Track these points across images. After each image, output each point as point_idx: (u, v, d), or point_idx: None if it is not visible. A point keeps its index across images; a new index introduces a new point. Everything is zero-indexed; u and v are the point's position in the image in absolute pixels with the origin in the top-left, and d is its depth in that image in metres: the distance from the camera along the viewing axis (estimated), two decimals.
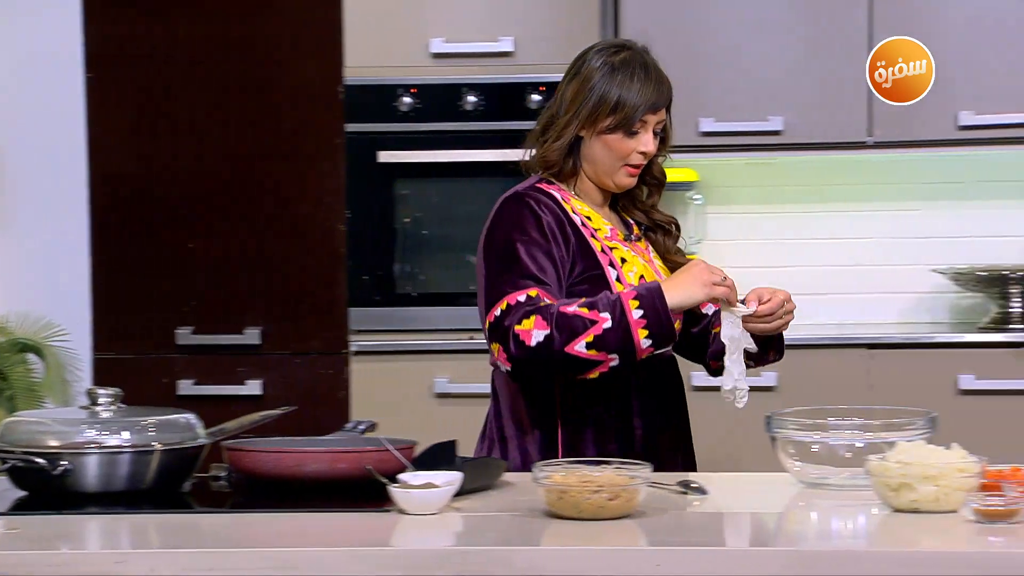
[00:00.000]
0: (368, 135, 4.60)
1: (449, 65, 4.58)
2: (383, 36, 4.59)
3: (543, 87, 4.55)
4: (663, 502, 2.59)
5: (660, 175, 3.13)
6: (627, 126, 2.99)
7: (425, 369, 4.56)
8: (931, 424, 2.67)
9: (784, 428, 2.70)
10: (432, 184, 4.63)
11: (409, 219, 4.63)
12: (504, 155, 4.57)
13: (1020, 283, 4.60)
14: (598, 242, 3.01)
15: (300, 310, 4.60)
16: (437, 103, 4.58)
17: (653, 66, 3.04)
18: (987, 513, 2.36)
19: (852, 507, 2.53)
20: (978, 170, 4.84)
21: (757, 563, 2.23)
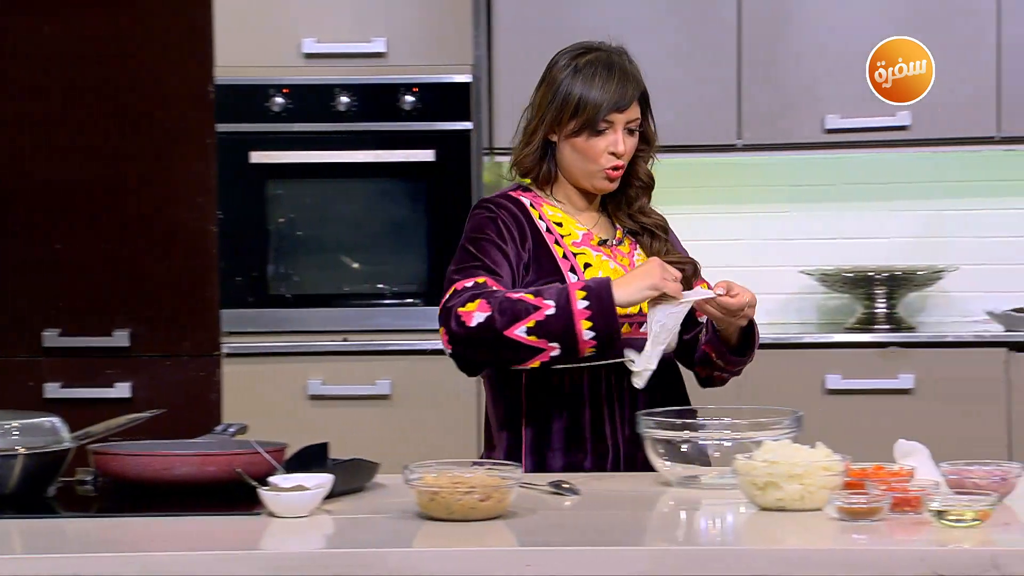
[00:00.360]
0: (240, 135, 4.57)
1: (321, 65, 4.56)
2: (254, 36, 4.56)
3: (416, 88, 4.54)
4: (535, 502, 2.60)
5: (646, 177, 3.09)
6: (591, 126, 2.97)
7: (298, 371, 4.54)
8: (797, 423, 2.71)
9: (653, 428, 2.72)
10: (305, 185, 4.60)
11: (283, 220, 4.60)
12: (378, 156, 4.57)
13: (885, 284, 4.69)
14: (561, 248, 2.99)
15: (171, 312, 4.54)
16: (309, 103, 4.56)
17: (619, 65, 3.01)
18: (851, 511, 2.40)
19: (720, 506, 2.55)
20: (844, 173, 4.92)
21: (626, 562, 2.24)
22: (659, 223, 3.09)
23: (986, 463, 2.57)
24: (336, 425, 4.48)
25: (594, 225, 3.07)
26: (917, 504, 2.42)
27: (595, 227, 3.07)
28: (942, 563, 2.20)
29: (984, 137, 4.59)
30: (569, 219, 3.04)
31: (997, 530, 2.34)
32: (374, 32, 4.56)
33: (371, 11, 4.56)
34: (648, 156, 3.08)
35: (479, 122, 4.57)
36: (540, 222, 3.01)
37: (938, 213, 4.90)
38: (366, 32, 4.56)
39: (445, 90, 4.55)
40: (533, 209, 3.03)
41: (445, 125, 4.55)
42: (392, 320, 4.57)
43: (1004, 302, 4.76)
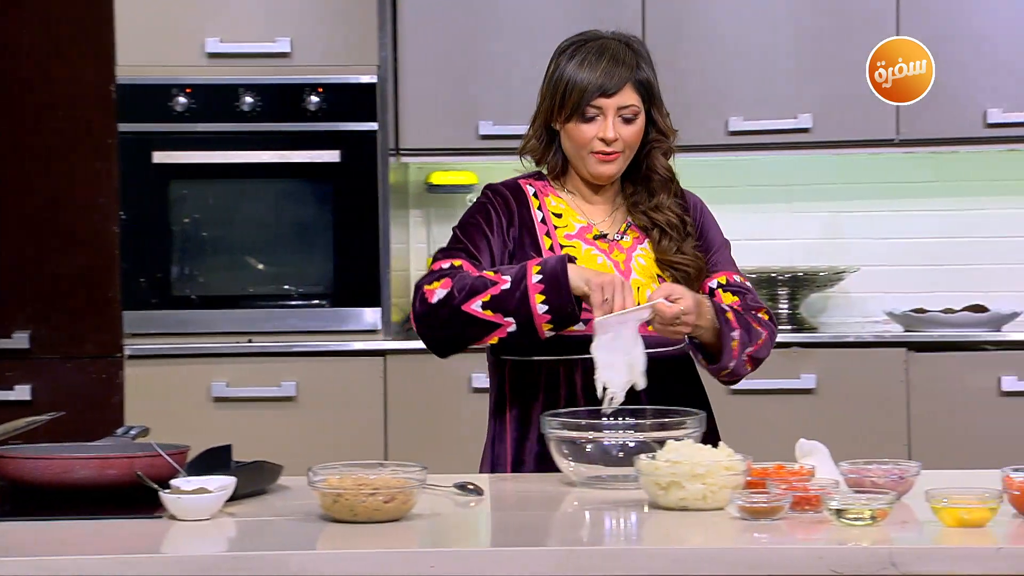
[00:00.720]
0: (143, 135, 4.53)
1: (225, 65, 4.53)
2: (157, 35, 4.52)
3: (321, 88, 4.53)
4: (439, 504, 2.60)
5: (663, 171, 3.03)
6: (579, 111, 2.96)
7: (203, 373, 4.51)
8: (700, 424, 2.73)
9: (558, 428, 2.73)
10: (210, 185, 4.57)
11: (187, 220, 4.56)
12: (283, 156, 4.55)
13: (788, 285, 4.73)
14: (550, 239, 2.99)
15: (72, 313, 4.51)
16: (213, 103, 4.52)
17: (613, 51, 2.99)
18: (752, 510, 2.42)
19: (624, 506, 2.57)
20: (747, 175, 4.97)
21: (529, 563, 2.25)
22: (672, 220, 3.03)
23: (885, 462, 2.60)
24: (241, 427, 4.45)
25: (606, 218, 3.04)
26: (817, 503, 2.45)
27: (605, 220, 3.04)
28: (841, 561, 2.23)
29: (883, 140, 4.65)
30: (572, 211, 3.03)
31: (895, 528, 2.37)
32: (278, 32, 4.53)
33: (275, 11, 4.54)
34: (666, 148, 3.04)
35: (385, 123, 4.56)
36: (538, 212, 3.01)
37: (839, 215, 4.96)
38: (270, 32, 4.54)
39: (350, 91, 4.53)
40: (535, 199, 3.03)
41: (350, 126, 4.54)
42: (298, 321, 4.55)
43: (903, 303, 4.83)
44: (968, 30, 4.58)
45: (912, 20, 4.58)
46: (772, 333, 3.04)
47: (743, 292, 3.06)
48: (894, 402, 4.46)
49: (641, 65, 3.00)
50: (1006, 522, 2.39)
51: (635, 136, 3.00)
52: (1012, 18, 4.58)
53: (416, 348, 4.56)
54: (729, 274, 3.08)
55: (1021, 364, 4.45)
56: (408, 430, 4.51)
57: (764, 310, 3.06)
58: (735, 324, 2.94)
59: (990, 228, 4.92)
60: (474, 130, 4.65)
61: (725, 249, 3.13)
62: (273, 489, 2.73)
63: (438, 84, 4.66)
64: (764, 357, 3.02)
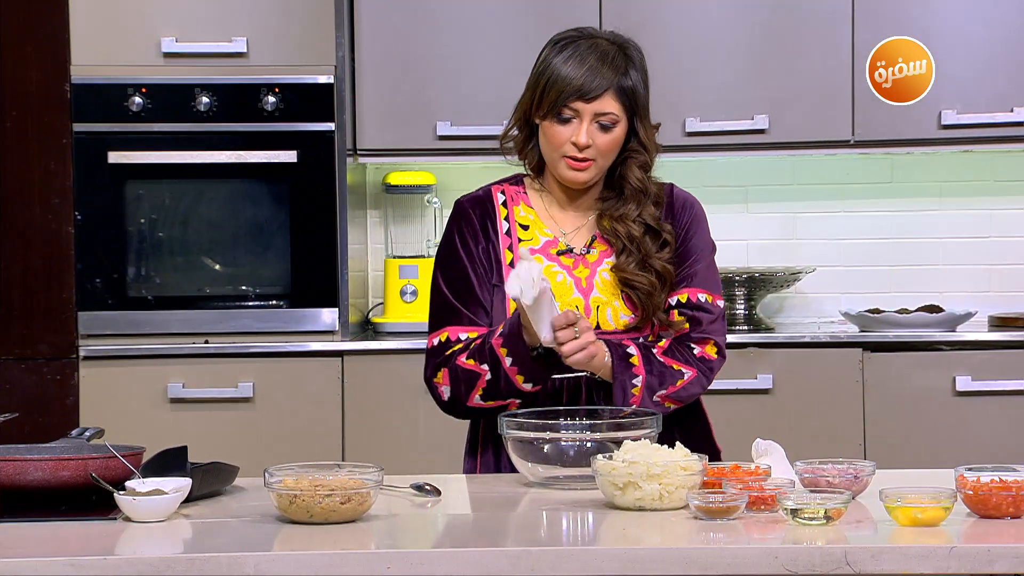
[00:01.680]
0: (98, 135, 4.50)
1: (181, 65, 4.51)
2: (111, 34, 4.50)
3: (277, 88, 4.51)
4: (397, 505, 2.60)
5: (636, 182, 2.95)
6: (555, 111, 2.89)
7: (158, 374, 4.49)
8: (657, 424, 2.74)
9: (515, 428, 2.73)
10: (166, 185, 4.55)
11: (143, 221, 4.54)
12: (239, 157, 4.53)
13: (744, 285, 4.75)
14: (511, 254, 2.95)
15: (26, 314, 4.48)
16: (169, 103, 4.50)
17: (601, 54, 2.91)
18: (708, 510, 2.43)
19: (580, 506, 2.57)
20: (703, 175, 4.97)
21: (486, 563, 2.25)
22: (634, 234, 2.93)
23: (840, 462, 2.62)
24: (197, 428, 4.44)
25: (579, 226, 2.99)
26: (773, 503, 2.46)
27: (576, 229, 2.99)
28: (795, 561, 2.24)
29: (839, 141, 4.67)
30: (540, 222, 2.99)
31: (850, 528, 2.39)
32: (235, 32, 4.52)
33: (232, 10, 4.52)
34: (643, 161, 2.96)
35: (342, 123, 4.55)
36: (504, 222, 2.98)
37: (795, 215, 4.98)
38: (226, 32, 4.52)
39: (307, 91, 4.52)
40: (504, 208, 2.99)
41: (307, 126, 4.53)
42: (254, 322, 4.53)
43: (859, 303, 4.85)
44: (921, 32, 4.61)
45: (866, 22, 4.60)
46: (703, 372, 2.93)
47: (698, 318, 2.95)
48: (849, 402, 4.48)
49: (629, 71, 2.92)
50: (959, 521, 2.41)
51: (610, 145, 2.92)
52: (963, 21, 4.60)
53: (373, 349, 4.56)
54: (694, 292, 2.96)
55: (975, 364, 4.48)
56: (366, 431, 4.50)
57: (710, 342, 2.95)
58: (639, 369, 2.89)
59: (945, 229, 4.95)
60: (432, 131, 4.65)
61: (704, 262, 2.99)
62: (229, 490, 2.73)
63: (395, 84, 4.66)
64: (692, 394, 2.94)
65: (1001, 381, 4.46)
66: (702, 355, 2.95)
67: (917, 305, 4.75)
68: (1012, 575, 2.24)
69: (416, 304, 4.74)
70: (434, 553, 2.29)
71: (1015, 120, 4.59)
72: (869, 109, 4.61)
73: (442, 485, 2.72)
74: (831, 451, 4.05)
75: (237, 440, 4.45)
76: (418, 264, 4.80)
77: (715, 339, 2.96)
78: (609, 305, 2.93)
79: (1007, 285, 4.93)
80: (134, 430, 4.27)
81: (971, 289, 4.92)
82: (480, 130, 4.66)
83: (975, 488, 2.43)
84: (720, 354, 2.97)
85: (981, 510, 2.43)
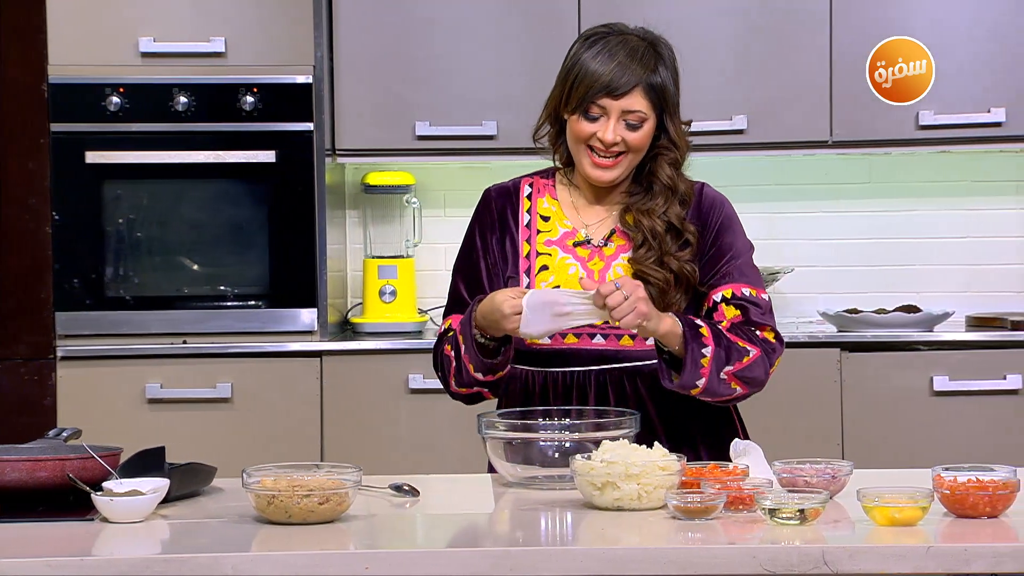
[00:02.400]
0: (75, 135, 4.49)
1: (159, 65, 4.50)
2: (89, 34, 4.49)
3: (256, 88, 4.51)
4: (374, 505, 2.60)
5: (667, 180, 2.91)
6: (582, 107, 2.87)
7: (137, 374, 4.48)
8: (635, 424, 2.74)
9: (494, 429, 2.74)
10: (144, 185, 4.54)
11: (121, 221, 4.53)
12: (218, 156, 4.52)
13: None
14: (529, 246, 2.95)
15: (3, 315, 4.47)
16: (147, 103, 4.49)
17: (630, 50, 2.88)
18: (686, 510, 2.43)
19: (559, 506, 2.57)
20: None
21: (464, 563, 2.25)
22: (657, 229, 2.89)
23: (817, 462, 2.62)
24: (176, 429, 4.43)
25: (603, 218, 2.97)
26: (751, 503, 2.46)
27: (598, 222, 2.96)
28: (773, 560, 2.24)
29: (817, 141, 4.68)
30: (562, 214, 2.98)
31: (827, 527, 2.39)
32: (213, 32, 4.51)
33: (210, 10, 4.51)
34: (673, 159, 2.92)
35: (320, 123, 4.55)
36: (526, 215, 2.98)
37: (773, 216, 4.99)
38: (205, 31, 4.51)
39: (286, 91, 4.52)
40: (528, 200, 2.99)
41: (286, 126, 4.52)
42: (233, 322, 4.53)
43: (837, 303, 4.86)
44: (900, 33, 4.62)
45: (845, 22, 4.61)
46: (767, 351, 2.87)
47: (748, 307, 2.90)
48: (828, 402, 4.49)
49: (659, 68, 2.89)
50: (937, 521, 2.42)
51: (639, 142, 2.89)
52: (943, 21, 4.62)
53: (352, 349, 4.55)
54: (737, 286, 2.90)
55: (953, 364, 4.49)
56: (344, 431, 4.50)
57: (768, 328, 2.89)
58: (708, 340, 2.81)
59: (923, 229, 4.97)
60: (411, 131, 4.65)
61: (742, 258, 2.94)
62: (207, 491, 2.72)
63: (374, 84, 4.66)
64: (757, 377, 2.86)
65: (978, 381, 4.48)
66: (764, 337, 2.89)
67: (895, 305, 4.76)
68: (989, 574, 2.25)
69: (395, 304, 4.74)
70: (412, 554, 2.29)
71: (992, 120, 4.61)
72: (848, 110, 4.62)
73: (421, 485, 2.72)
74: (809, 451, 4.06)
75: (216, 440, 4.44)
76: (397, 264, 4.79)
77: (771, 326, 2.91)
78: None
79: (984, 285, 4.95)
80: (112, 430, 4.26)
81: (949, 289, 4.94)
82: (459, 130, 4.66)
83: (952, 488, 2.44)
84: (779, 340, 2.91)
85: (958, 510, 2.44)
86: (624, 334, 2.89)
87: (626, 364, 2.91)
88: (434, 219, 4.96)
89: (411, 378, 4.49)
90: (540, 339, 2.84)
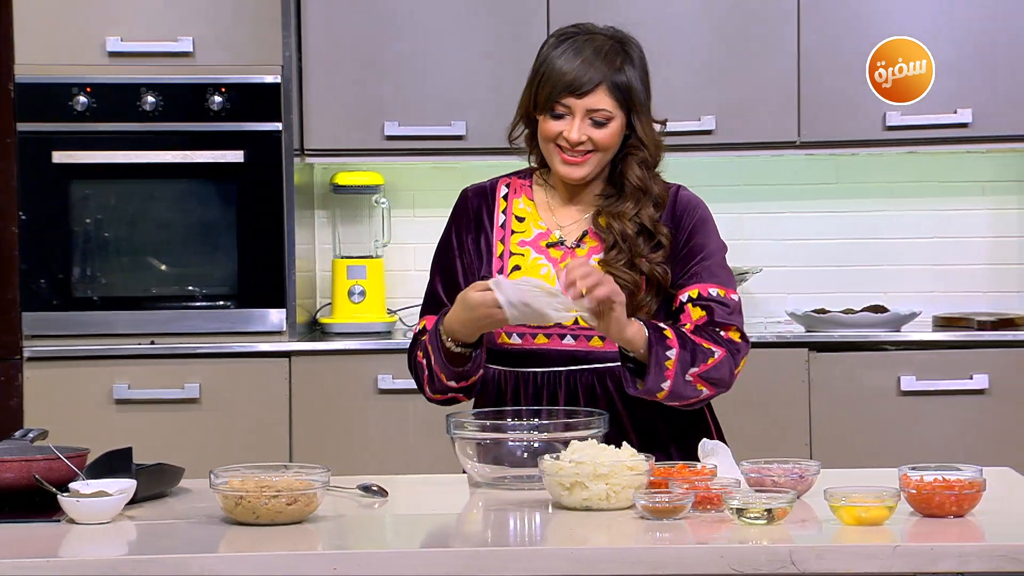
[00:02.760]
0: (42, 135, 4.47)
1: (126, 64, 4.48)
2: (56, 33, 4.47)
3: (224, 88, 4.49)
4: (343, 506, 2.60)
5: (636, 180, 2.90)
6: (548, 105, 2.88)
7: (104, 375, 4.46)
8: (604, 424, 2.74)
9: (462, 429, 2.74)
10: (112, 186, 4.52)
11: (89, 221, 4.52)
12: (186, 156, 4.51)
13: None
14: (503, 246, 2.96)
15: None
16: (114, 103, 4.48)
17: (597, 46, 2.89)
18: (654, 510, 2.44)
19: (528, 506, 2.57)
20: None
21: (432, 564, 2.25)
22: (628, 232, 2.89)
23: (785, 461, 2.63)
24: (144, 430, 4.41)
25: (573, 223, 2.97)
26: (719, 503, 2.47)
27: (573, 223, 2.96)
28: (741, 560, 2.25)
29: (785, 142, 4.69)
30: (536, 215, 2.98)
31: (795, 527, 2.40)
32: (181, 31, 4.50)
33: (177, 10, 4.50)
34: (643, 158, 2.92)
35: (289, 123, 4.54)
36: (501, 215, 2.98)
37: (741, 216, 5.00)
38: (172, 31, 4.50)
39: (254, 90, 4.51)
40: (504, 200, 2.99)
41: (254, 126, 4.51)
42: (201, 323, 4.51)
43: (805, 303, 4.88)
44: (866, 34, 4.64)
45: (812, 23, 4.63)
46: (732, 352, 2.86)
47: (714, 307, 2.89)
48: (796, 402, 4.51)
49: (625, 67, 2.90)
50: (903, 520, 2.43)
51: (606, 139, 2.89)
52: (909, 23, 4.63)
53: (321, 349, 4.55)
54: (704, 286, 2.90)
55: (920, 364, 4.51)
56: (313, 432, 4.49)
57: (733, 328, 2.89)
58: (673, 343, 2.81)
59: (890, 229, 4.99)
60: (379, 131, 4.64)
61: (713, 259, 2.94)
62: (175, 492, 2.71)
63: (343, 84, 4.65)
64: (722, 378, 2.85)
65: (945, 381, 4.50)
66: (728, 338, 2.88)
67: (862, 305, 4.78)
68: (954, 573, 2.26)
69: (364, 305, 4.73)
70: (381, 554, 2.29)
71: (959, 121, 4.63)
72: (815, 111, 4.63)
73: (389, 486, 2.71)
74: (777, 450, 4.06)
75: (184, 441, 4.42)
76: (366, 264, 4.79)
77: (736, 326, 2.90)
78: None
79: (951, 285, 4.97)
80: (79, 431, 4.24)
81: (915, 289, 4.96)
82: (428, 130, 4.66)
83: (918, 487, 2.45)
84: (744, 339, 2.90)
85: (924, 509, 2.45)
86: (594, 335, 2.89)
87: (597, 365, 2.91)
88: (403, 219, 4.96)
89: (380, 378, 4.49)
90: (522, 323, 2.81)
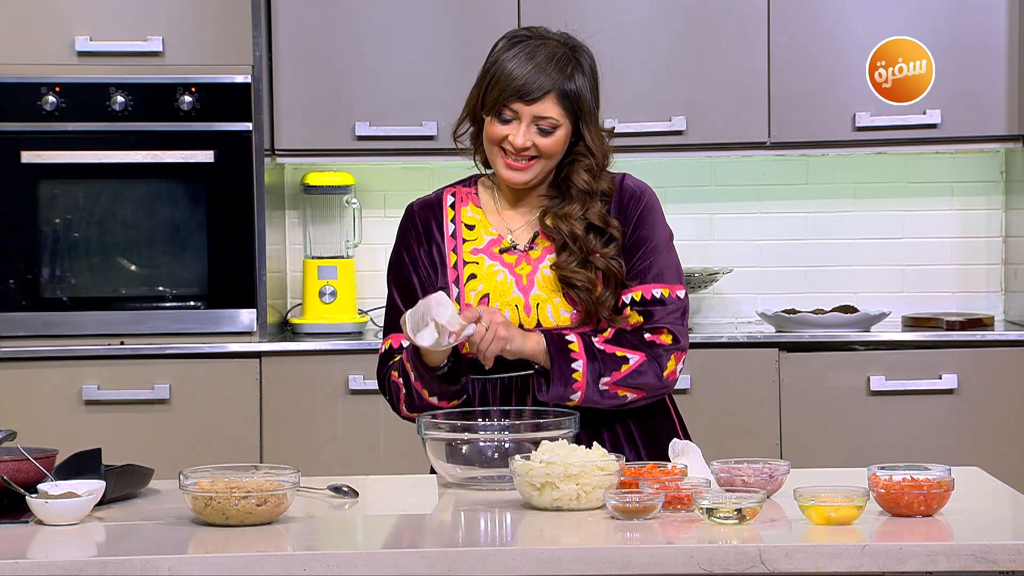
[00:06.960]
0: (10, 135, 4.45)
1: (95, 64, 4.47)
2: (24, 33, 4.45)
3: (194, 88, 4.48)
4: (314, 506, 2.60)
5: (583, 185, 2.90)
6: (495, 109, 2.86)
7: (73, 375, 4.45)
8: (574, 424, 2.75)
9: (433, 429, 2.73)
10: (80, 186, 4.51)
11: (58, 221, 4.50)
12: (155, 156, 4.50)
13: None
14: (456, 256, 2.94)
15: None
16: (83, 103, 4.46)
17: (548, 53, 2.88)
18: (625, 510, 2.44)
19: (498, 506, 2.58)
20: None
21: (402, 564, 2.25)
22: (576, 232, 2.89)
23: (755, 461, 2.64)
24: (113, 431, 4.40)
25: (524, 223, 2.97)
26: (689, 502, 2.48)
27: (522, 226, 2.97)
28: (710, 560, 2.26)
29: (755, 143, 4.70)
30: (486, 221, 2.98)
31: (764, 527, 2.41)
32: (150, 31, 4.48)
33: (147, 9, 4.48)
34: (589, 165, 2.92)
35: (259, 123, 4.53)
36: (450, 225, 2.97)
37: (712, 216, 5.01)
38: (142, 30, 4.48)
39: (224, 90, 4.50)
40: (451, 210, 2.98)
41: (224, 126, 4.50)
42: (171, 323, 4.50)
43: (775, 303, 4.89)
44: (836, 35, 4.65)
45: (782, 23, 4.64)
46: (654, 356, 2.86)
47: (653, 310, 2.89)
48: (766, 402, 4.52)
49: (575, 76, 2.89)
50: (872, 519, 2.44)
51: (551, 148, 2.89)
52: (878, 23, 4.65)
53: (292, 350, 4.54)
54: (648, 287, 2.90)
55: (889, 364, 4.53)
56: (284, 432, 4.48)
57: (664, 330, 2.88)
58: (579, 355, 2.84)
59: (859, 230, 5.00)
60: (350, 131, 4.64)
61: (659, 252, 2.95)
62: (144, 493, 2.71)
63: (313, 84, 4.64)
64: (647, 382, 2.86)
65: (914, 381, 4.52)
66: (652, 340, 2.88)
67: (832, 305, 4.79)
68: (922, 572, 2.27)
69: (335, 305, 4.73)
70: (351, 554, 2.29)
71: (928, 122, 4.65)
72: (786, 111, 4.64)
73: (360, 486, 2.71)
74: (748, 450, 4.08)
75: (153, 442, 4.41)
76: (337, 265, 4.78)
77: (668, 327, 2.89)
78: (549, 302, 2.92)
79: (920, 286, 4.99)
80: (48, 432, 4.22)
81: (885, 290, 4.98)
82: (399, 130, 4.65)
83: (887, 487, 2.46)
84: (676, 340, 2.88)
85: (893, 508, 2.46)
86: None
87: None
88: (374, 220, 4.95)
89: (351, 379, 4.48)
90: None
